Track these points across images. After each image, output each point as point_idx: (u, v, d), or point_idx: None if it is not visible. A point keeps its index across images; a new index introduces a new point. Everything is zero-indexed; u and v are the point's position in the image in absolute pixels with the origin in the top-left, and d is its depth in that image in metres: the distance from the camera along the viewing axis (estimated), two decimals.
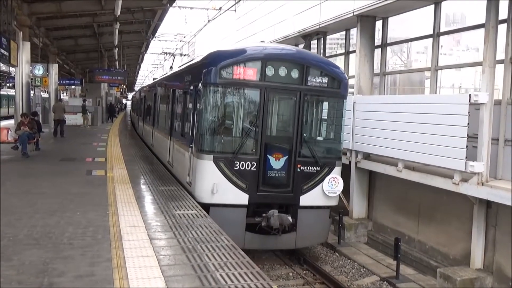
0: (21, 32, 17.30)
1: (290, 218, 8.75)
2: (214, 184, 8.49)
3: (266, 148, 8.78)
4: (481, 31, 8.73)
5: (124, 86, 49.48)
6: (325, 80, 9.08)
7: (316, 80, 9.00)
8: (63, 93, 41.08)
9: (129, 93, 74.81)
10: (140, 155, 14.96)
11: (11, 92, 37.57)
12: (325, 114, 9.82)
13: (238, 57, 8.85)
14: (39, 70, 22.18)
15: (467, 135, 8.12)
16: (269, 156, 8.76)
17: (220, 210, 8.53)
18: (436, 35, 10.87)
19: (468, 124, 8.09)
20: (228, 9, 22.27)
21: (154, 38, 31.66)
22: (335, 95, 9.38)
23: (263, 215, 8.74)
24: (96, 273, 4.68)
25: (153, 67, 64.65)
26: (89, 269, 4.79)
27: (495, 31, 8.43)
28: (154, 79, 25.86)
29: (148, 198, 8.51)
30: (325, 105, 9.73)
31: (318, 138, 9.85)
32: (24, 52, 17.67)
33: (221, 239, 6.09)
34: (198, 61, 10.27)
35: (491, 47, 8.41)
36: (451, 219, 9.63)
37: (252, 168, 8.70)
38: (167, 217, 7.06)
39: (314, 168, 9.09)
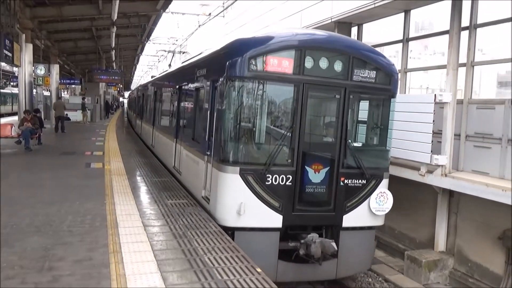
0: (24, 35, 17.00)
1: (334, 244, 6.52)
2: (241, 203, 6.33)
3: (304, 157, 6.64)
4: (446, 37, 8.84)
5: (121, 86, 48.97)
6: (373, 74, 6.93)
7: (363, 74, 6.87)
8: (63, 92, 40.46)
9: (125, 91, 74.07)
10: (136, 150, 14.86)
11: (15, 90, 36.93)
12: (371, 116, 7.57)
13: (270, 45, 6.55)
14: (41, 70, 21.80)
15: (432, 131, 8.23)
16: (307, 168, 6.65)
17: (248, 235, 6.46)
18: (405, 40, 10.98)
19: (433, 121, 8.21)
20: (217, 15, 22.17)
21: (148, 41, 31.35)
22: (384, 92, 7.17)
23: (302, 241, 6.66)
24: (93, 257, 4.68)
25: (148, 68, 64.06)
26: (87, 254, 4.78)
27: (458, 37, 8.56)
28: (152, 77, 24.73)
29: (142, 188, 8.48)
30: (372, 104, 7.53)
31: (364, 145, 7.60)
32: (27, 53, 17.37)
33: (210, 226, 6.11)
34: (217, 51, 7.67)
35: (454, 52, 8.54)
36: (418, 207, 9.78)
37: (287, 183, 6.55)
38: (160, 206, 7.05)
39: (360, 181, 7.00)
